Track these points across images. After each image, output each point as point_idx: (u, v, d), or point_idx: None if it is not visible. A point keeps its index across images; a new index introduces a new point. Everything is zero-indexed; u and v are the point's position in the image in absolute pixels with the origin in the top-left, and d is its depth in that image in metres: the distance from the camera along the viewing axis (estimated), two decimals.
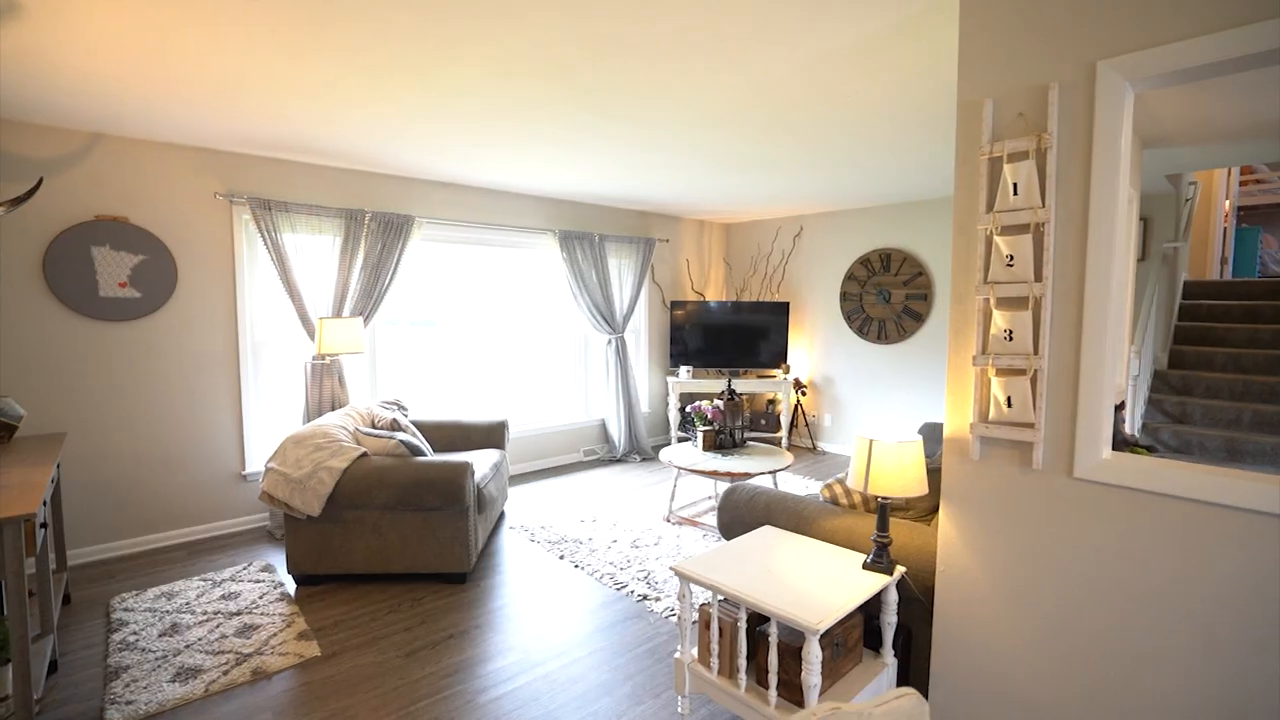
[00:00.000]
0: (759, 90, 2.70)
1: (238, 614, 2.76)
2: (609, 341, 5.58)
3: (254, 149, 3.57)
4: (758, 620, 2.04)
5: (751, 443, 4.27)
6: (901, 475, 1.88)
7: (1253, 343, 4.74)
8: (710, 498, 4.37)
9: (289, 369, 4.00)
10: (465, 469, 3.01)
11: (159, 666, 2.36)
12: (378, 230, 4.03)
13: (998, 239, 1.68)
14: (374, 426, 3.41)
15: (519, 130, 3.22)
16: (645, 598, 2.97)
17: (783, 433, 5.93)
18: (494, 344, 5.15)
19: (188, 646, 2.49)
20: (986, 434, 1.74)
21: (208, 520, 3.71)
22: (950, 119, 3.01)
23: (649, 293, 6.10)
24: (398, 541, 3.03)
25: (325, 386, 3.76)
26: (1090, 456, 1.58)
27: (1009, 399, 1.67)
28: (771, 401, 6.33)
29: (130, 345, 3.40)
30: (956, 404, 1.83)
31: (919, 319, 5.22)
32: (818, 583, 1.89)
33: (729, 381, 4.18)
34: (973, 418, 1.76)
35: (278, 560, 3.37)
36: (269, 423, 3.92)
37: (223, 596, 2.92)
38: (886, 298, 5.43)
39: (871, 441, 1.92)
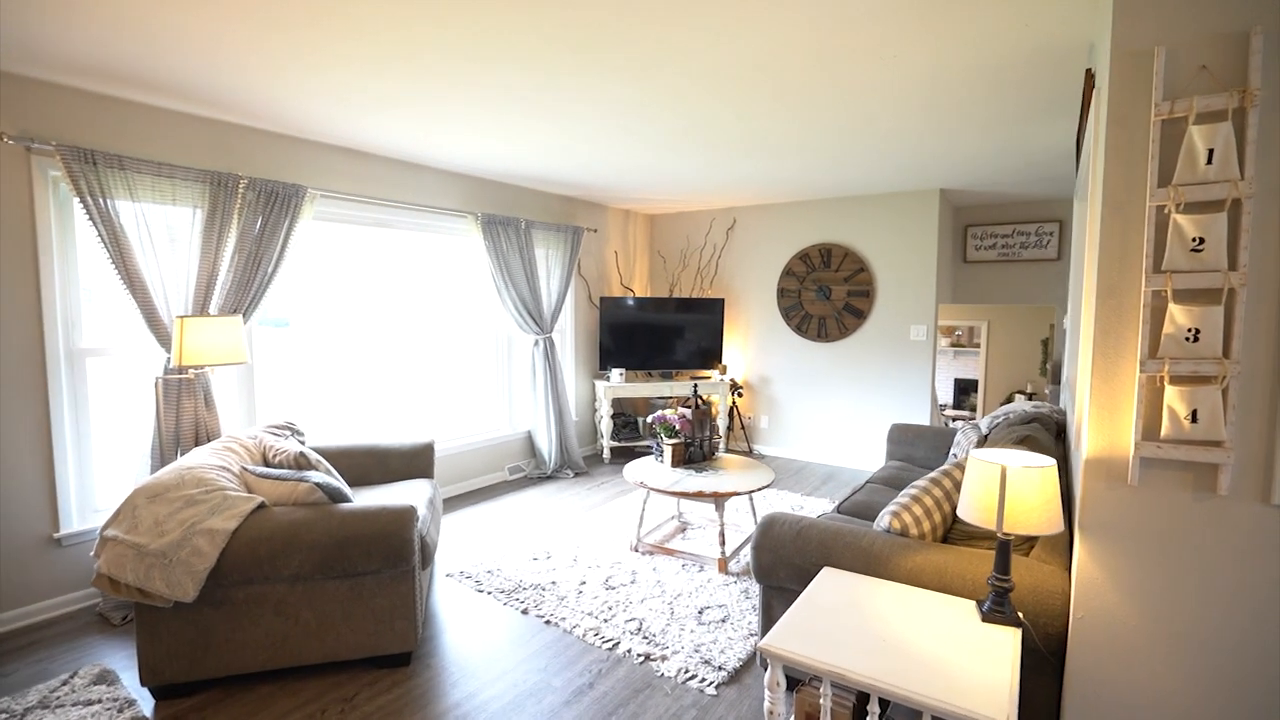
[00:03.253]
0: (767, 56, 2.27)
1: None
2: (536, 342, 4.91)
3: (66, 75, 2.51)
4: (865, 700, 1.61)
5: (717, 454, 3.87)
6: (1044, 509, 1.53)
7: None
8: (674, 518, 3.90)
9: (131, 387, 2.93)
10: (409, 517, 2.28)
11: None
12: (257, 202, 3.07)
13: (1179, 218, 1.37)
14: (268, 463, 2.53)
15: (459, 75, 2.51)
16: (648, 657, 2.44)
17: (720, 437, 5.62)
18: (403, 348, 4.29)
19: None
20: (1157, 455, 1.43)
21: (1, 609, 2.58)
22: (960, 102, 2.77)
23: (575, 288, 5.50)
24: (314, 622, 2.22)
25: (186, 410, 2.77)
26: None
27: (1194, 413, 1.37)
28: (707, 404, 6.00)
29: None
30: (1106, 417, 1.51)
31: (861, 316, 5.13)
32: (946, 648, 1.49)
33: (695, 387, 3.74)
34: (1136, 435, 1.45)
35: (122, 663, 2.38)
36: (98, 464, 2.83)
37: None
38: (827, 294, 5.29)
39: (1004, 469, 1.55)
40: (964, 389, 9.51)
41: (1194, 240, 1.36)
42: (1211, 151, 1.33)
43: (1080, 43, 2.17)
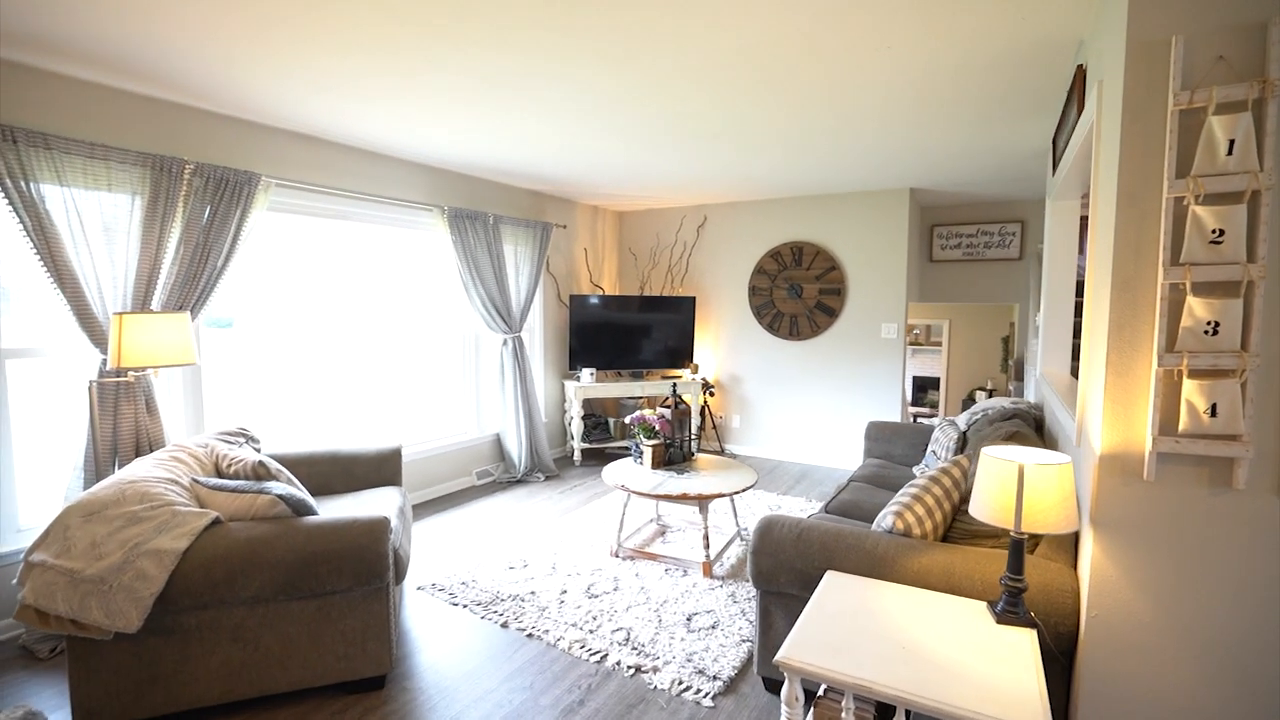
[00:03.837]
0: (760, 44, 2.20)
1: None
2: (505, 342, 4.74)
3: None
4: (884, 711, 1.54)
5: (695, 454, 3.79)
6: (1062, 506, 1.50)
7: None
8: (653, 520, 3.80)
9: (61, 392, 2.65)
10: (382, 529, 2.11)
11: None
12: (205, 190, 2.82)
13: (1198, 210, 1.35)
14: (222, 474, 2.31)
15: (434, 57, 2.35)
16: (638, 669, 2.33)
17: (695, 437, 5.55)
18: (365, 348, 4.06)
19: None
20: (1175, 449, 1.41)
21: None
22: (948, 99, 2.75)
23: (544, 286, 5.34)
24: (276, 648, 2.03)
25: (125, 416, 2.51)
26: None
27: (1213, 407, 1.36)
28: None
29: None
30: (1121, 412, 1.48)
31: (832, 314, 5.15)
32: (966, 654, 1.44)
33: (674, 386, 3.65)
34: (1153, 430, 1.43)
35: (51, 703, 2.13)
36: (21, 479, 2.54)
37: None
38: (798, 292, 5.29)
39: (1022, 467, 1.51)
40: (922, 386, 9.75)
41: (1214, 232, 1.34)
42: (1232, 142, 1.31)
43: (1070, 39, 2.18)
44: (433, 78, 2.54)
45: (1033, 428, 2.85)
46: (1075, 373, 4.06)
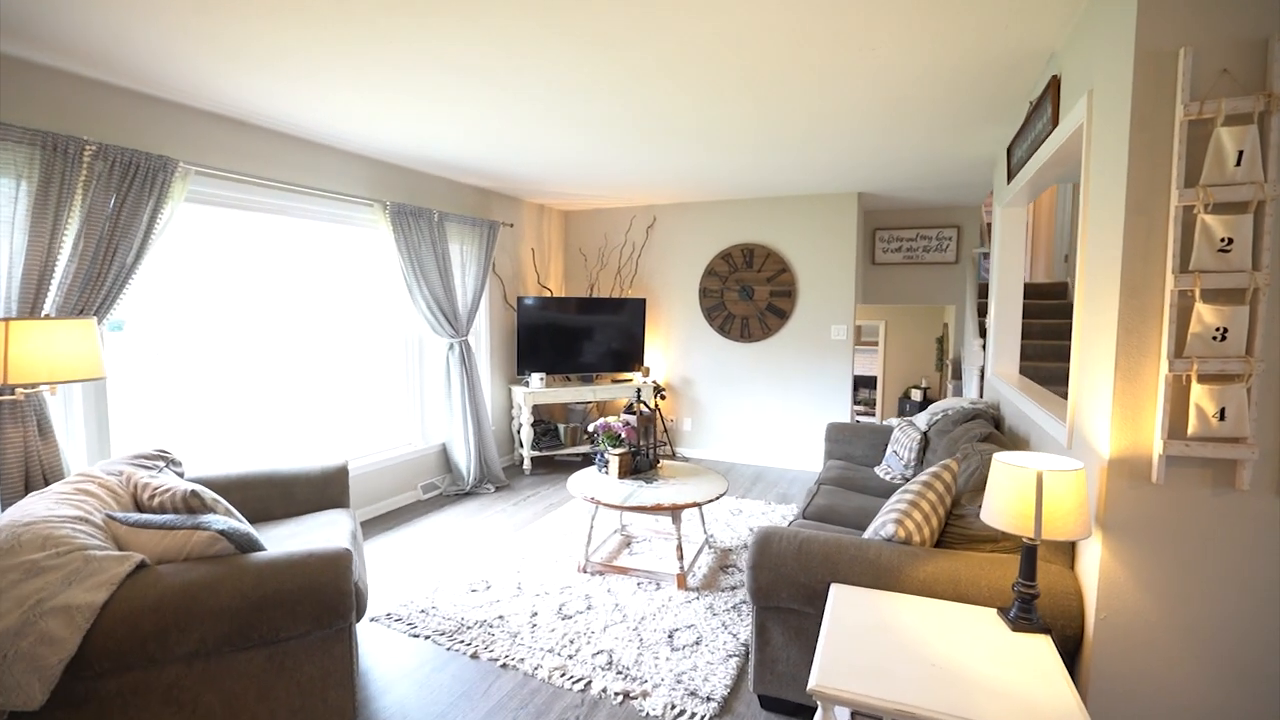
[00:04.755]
0: (748, 35, 2.12)
1: None
2: (451, 346, 4.47)
3: None
4: None
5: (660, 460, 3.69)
6: (1078, 512, 1.50)
7: None
8: (617, 531, 3.67)
9: None
10: (344, 562, 1.87)
11: None
12: (110, 176, 2.43)
13: (1207, 218, 1.38)
14: (142, 507, 1.98)
15: (385, 30, 2.12)
16: (627, 695, 2.20)
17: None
18: (298, 354, 3.68)
19: None
20: (1185, 453, 1.44)
21: None
22: (929, 102, 2.76)
23: (490, 287, 5.08)
24: (219, 708, 1.75)
25: (12, 441, 2.12)
26: None
27: (1221, 411, 1.39)
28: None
29: None
30: (1129, 417, 1.50)
31: (783, 316, 5.20)
32: (993, 666, 1.42)
33: (638, 391, 3.54)
34: (1162, 434, 1.45)
35: None
36: None
37: None
38: (749, 294, 5.31)
39: (1041, 474, 1.50)
40: (854, 385, 10.13)
41: (1223, 240, 1.37)
42: (1241, 153, 1.34)
43: (1043, 50, 2.23)
44: (384, 59, 2.30)
45: (994, 428, 2.94)
46: (1025, 372, 4.28)
